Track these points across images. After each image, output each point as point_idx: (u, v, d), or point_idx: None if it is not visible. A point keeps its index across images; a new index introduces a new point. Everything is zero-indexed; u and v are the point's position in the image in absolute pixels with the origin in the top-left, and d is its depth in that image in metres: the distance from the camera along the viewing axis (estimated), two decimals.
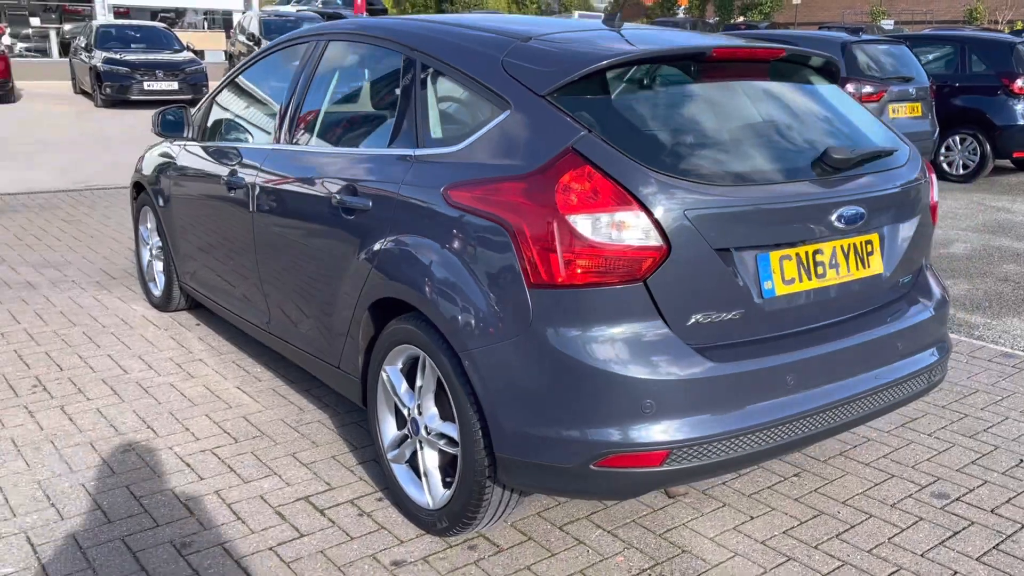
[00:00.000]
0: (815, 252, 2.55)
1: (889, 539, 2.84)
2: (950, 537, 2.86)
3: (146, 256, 5.02)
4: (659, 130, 2.47)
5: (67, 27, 23.20)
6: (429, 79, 2.85)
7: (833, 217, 2.50)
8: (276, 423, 3.58)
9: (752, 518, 2.96)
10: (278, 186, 3.40)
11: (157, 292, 4.92)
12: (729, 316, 2.39)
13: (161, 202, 4.56)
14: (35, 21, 22.64)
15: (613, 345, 2.28)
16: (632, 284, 2.27)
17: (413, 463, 2.87)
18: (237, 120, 4.06)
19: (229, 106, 4.14)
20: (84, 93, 17.92)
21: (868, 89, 8.34)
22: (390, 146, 2.92)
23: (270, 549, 2.72)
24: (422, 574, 2.61)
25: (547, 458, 2.35)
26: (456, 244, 2.51)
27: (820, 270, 2.56)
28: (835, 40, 8.73)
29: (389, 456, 2.93)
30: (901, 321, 2.77)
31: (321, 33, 3.54)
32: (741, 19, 35.76)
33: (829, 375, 2.53)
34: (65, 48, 21.56)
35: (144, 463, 3.23)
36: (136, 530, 2.80)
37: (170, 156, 4.48)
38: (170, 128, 4.24)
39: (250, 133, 3.91)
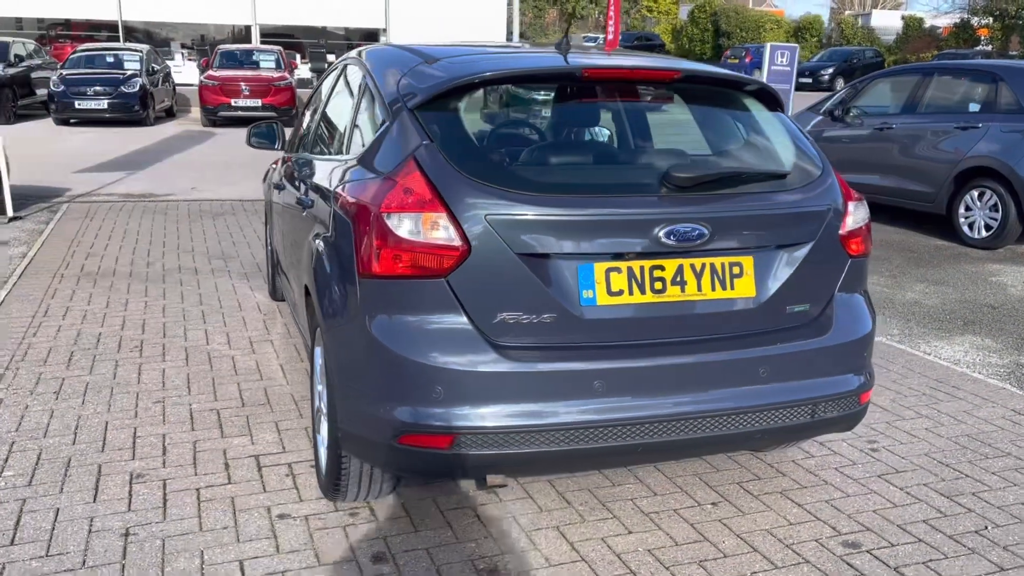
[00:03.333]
0: (653, 267, 2.57)
1: (752, 574, 2.74)
2: None
3: (268, 252, 5.83)
4: (494, 142, 2.66)
5: None
6: (367, 95, 3.23)
7: (661, 233, 2.52)
8: (285, 397, 4.10)
9: (630, 532, 2.97)
10: (292, 187, 3.95)
11: (269, 283, 5.70)
12: (539, 319, 2.50)
13: (266, 204, 5.32)
14: (331, 57, 25.93)
15: (414, 333, 2.50)
16: (435, 279, 2.48)
17: None
18: (300, 132, 4.68)
19: (302, 121, 4.78)
20: None
21: None
22: (339, 153, 3.34)
23: (196, 489, 3.21)
24: (294, 527, 2.96)
25: (365, 432, 2.62)
26: (333, 239, 2.86)
27: (659, 285, 2.58)
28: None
29: (315, 427, 3.32)
30: (773, 348, 2.68)
31: (347, 59, 4.04)
32: None
33: (654, 389, 2.54)
34: None
35: (162, 413, 3.88)
36: (114, 460, 3.42)
37: (273, 166, 5.23)
38: (260, 139, 4.95)
39: (302, 144, 4.51)
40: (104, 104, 16.95)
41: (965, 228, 8.08)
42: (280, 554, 2.80)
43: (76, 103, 16.78)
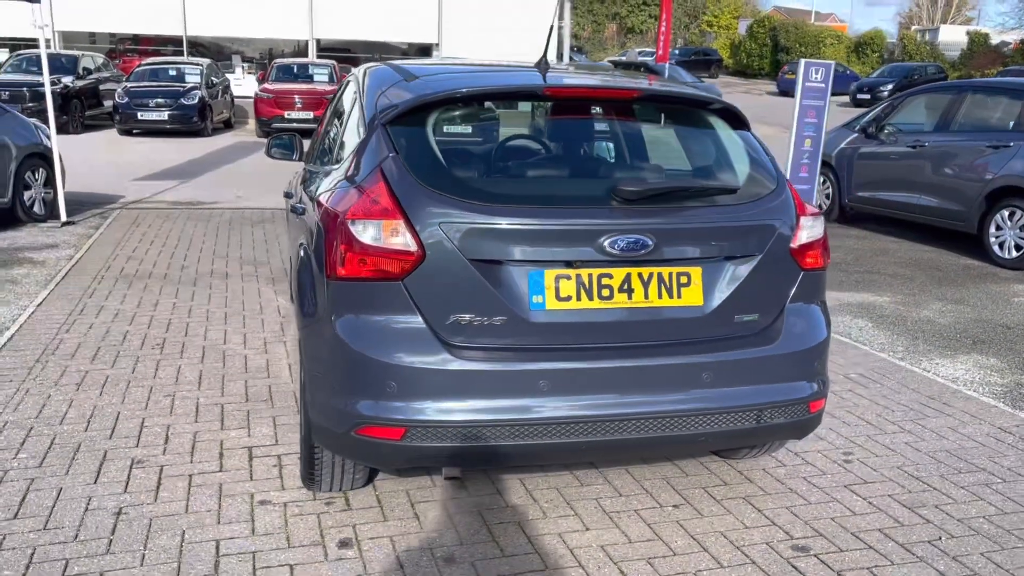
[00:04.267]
0: (602, 275, 2.71)
1: (695, 572, 2.84)
2: None
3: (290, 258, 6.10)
4: (454, 155, 2.84)
5: None
6: (356, 111, 3.44)
7: (607, 243, 2.66)
8: (287, 394, 4.33)
9: (587, 529, 3.10)
10: (296, 196, 4.18)
11: (291, 287, 5.97)
12: (490, 321, 2.67)
13: (286, 213, 5.59)
14: None
15: (373, 332, 2.69)
16: (392, 282, 2.67)
17: None
18: (313, 145, 4.93)
19: (318, 133, 5.03)
20: None
21: None
22: (331, 165, 3.55)
23: (189, 475, 3.44)
24: (272, 512, 3.17)
25: (328, 423, 2.81)
26: (311, 244, 3.06)
27: (606, 292, 2.72)
28: None
29: (302, 420, 3.52)
30: (717, 354, 2.79)
31: (351, 77, 4.27)
32: None
33: (597, 390, 2.68)
34: None
35: (171, 405, 4.14)
36: (120, 447, 3.67)
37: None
38: (280, 150, 5.19)
39: (311, 155, 4.75)
40: (165, 116, 17.64)
41: (995, 248, 7.98)
42: (254, 536, 3.01)
43: (139, 114, 17.52)
